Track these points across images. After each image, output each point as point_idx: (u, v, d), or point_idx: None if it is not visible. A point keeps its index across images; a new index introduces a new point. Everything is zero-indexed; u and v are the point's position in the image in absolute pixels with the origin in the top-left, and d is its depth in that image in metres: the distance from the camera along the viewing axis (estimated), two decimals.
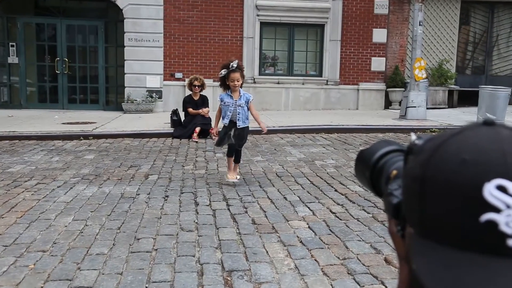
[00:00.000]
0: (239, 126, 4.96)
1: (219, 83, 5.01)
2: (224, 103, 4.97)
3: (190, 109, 8.44)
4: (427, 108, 10.73)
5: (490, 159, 0.47)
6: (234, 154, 5.09)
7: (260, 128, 5.13)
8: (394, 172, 0.67)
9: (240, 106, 4.94)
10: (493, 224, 0.46)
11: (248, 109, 5.00)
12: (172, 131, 8.53)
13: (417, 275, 0.49)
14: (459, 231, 0.48)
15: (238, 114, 4.95)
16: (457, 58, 13.92)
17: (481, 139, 0.49)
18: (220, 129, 5.10)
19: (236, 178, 5.05)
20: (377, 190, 0.72)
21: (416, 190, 0.51)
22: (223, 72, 4.83)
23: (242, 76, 4.90)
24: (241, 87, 4.95)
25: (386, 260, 3.09)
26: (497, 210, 0.46)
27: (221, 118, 5.05)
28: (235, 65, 4.79)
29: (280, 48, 12.60)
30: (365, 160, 0.74)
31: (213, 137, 8.47)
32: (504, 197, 0.46)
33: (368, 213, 4.10)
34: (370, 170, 0.72)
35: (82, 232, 3.60)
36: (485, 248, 0.47)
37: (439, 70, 13.15)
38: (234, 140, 4.97)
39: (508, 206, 0.46)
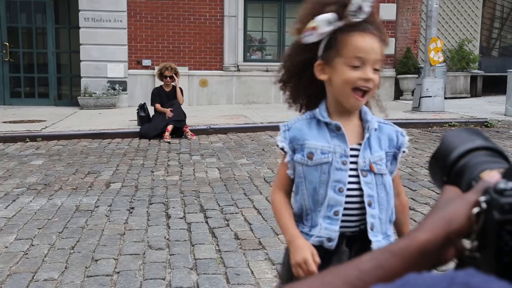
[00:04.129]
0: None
1: (282, 74, 1.75)
2: (309, 159, 1.64)
3: (158, 105, 8.42)
4: (445, 98, 10.86)
5: None
6: None
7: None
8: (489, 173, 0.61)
9: (374, 172, 1.63)
10: None
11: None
12: (139, 129, 8.52)
13: None
14: None
15: (372, 205, 1.62)
16: (481, 38, 14.10)
17: None
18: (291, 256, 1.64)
19: None
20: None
21: None
22: (323, 24, 1.55)
23: (381, 56, 1.60)
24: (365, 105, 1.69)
25: None
26: None
27: (301, 215, 1.69)
28: (367, 8, 1.58)
29: (269, 28, 12.64)
30: (441, 158, 0.68)
31: (189, 136, 8.51)
32: None
33: None
34: (447, 174, 0.68)
35: (26, 253, 3.58)
36: None
37: (459, 52, 13.30)
38: None
39: None
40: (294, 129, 1.68)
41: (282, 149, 1.68)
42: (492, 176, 0.60)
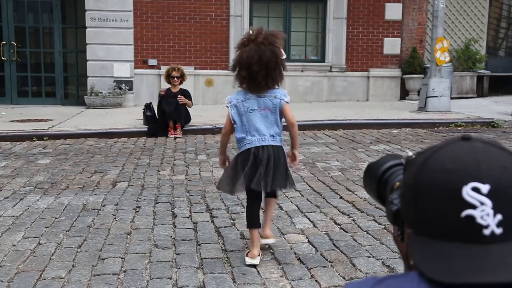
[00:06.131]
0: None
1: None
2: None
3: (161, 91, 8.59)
4: (451, 98, 10.81)
5: (467, 167, 0.73)
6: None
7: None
8: (397, 183, 0.90)
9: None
10: (471, 218, 0.71)
11: None
12: (146, 129, 8.58)
13: (416, 266, 0.74)
14: (446, 226, 0.72)
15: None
16: (488, 37, 14.04)
17: (460, 151, 0.75)
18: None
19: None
20: (384, 201, 0.96)
21: (411, 196, 0.76)
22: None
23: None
24: None
25: None
26: (473, 207, 0.71)
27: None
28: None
29: (274, 28, 12.60)
30: (372, 173, 0.98)
31: (177, 134, 8.60)
32: (478, 196, 0.71)
33: (380, 224, 4.13)
34: (377, 182, 0.96)
35: (34, 252, 3.60)
36: (466, 238, 0.71)
37: (465, 52, 13.25)
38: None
39: (481, 203, 0.71)
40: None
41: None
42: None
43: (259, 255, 3.35)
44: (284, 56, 3.44)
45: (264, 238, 3.52)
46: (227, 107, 3.47)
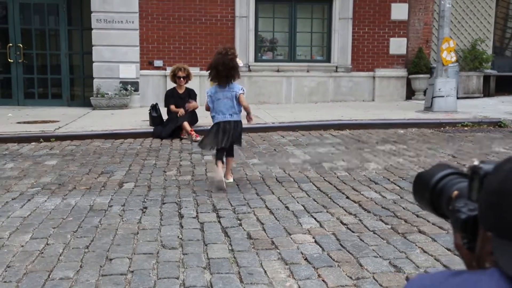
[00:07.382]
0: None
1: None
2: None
3: (172, 106, 8.52)
4: (457, 98, 10.79)
5: None
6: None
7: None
8: (456, 192, 0.91)
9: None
10: None
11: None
12: (152, 129, 8.60)
13: (497, 266, 0.76)
14: None
15: None
16: (494, 37, 14.00)
17: None
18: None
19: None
20: (437, 209, 0.97)
21: (495, 201, 0.78)
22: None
23: None
24: None
25: (407, 279, 3.12)
26: None
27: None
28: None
29: (280, 29, 12.64)
30: (424, 182, 0.99)
31: (194, 137, 8.54)
32: None
33: (386, 223, 4.13)
34: (430, 191, 0.97)
35: (42, 252, 3.62)
36: None
37: (472, 52, 13.21)
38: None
39: None
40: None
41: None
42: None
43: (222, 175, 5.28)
44: (241, 64, 5.65)
45: (226, 179, 5.34)
46: (206, 96, 5.54)
